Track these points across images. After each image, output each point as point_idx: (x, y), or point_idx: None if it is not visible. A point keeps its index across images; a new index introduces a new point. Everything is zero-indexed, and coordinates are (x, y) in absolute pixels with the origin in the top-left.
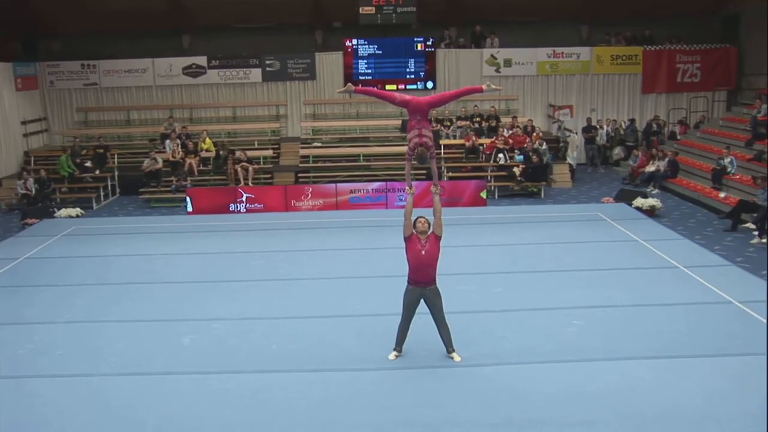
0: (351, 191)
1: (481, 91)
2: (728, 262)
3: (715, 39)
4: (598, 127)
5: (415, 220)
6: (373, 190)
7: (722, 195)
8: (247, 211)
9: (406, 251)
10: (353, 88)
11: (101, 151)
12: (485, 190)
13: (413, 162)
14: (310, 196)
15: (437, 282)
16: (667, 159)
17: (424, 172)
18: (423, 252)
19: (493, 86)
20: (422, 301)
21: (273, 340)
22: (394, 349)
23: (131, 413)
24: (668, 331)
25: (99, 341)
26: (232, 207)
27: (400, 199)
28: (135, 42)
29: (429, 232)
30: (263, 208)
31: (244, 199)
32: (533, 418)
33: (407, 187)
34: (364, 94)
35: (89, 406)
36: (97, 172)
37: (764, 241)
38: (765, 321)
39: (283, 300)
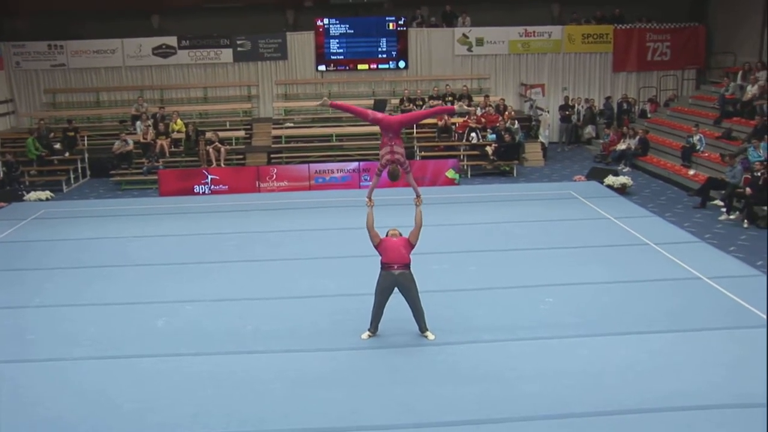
0: (316, 172)
1: (453, 111)
2: (697, 239)
3: (684, 18)
4: (575, 105)
5: (388, 230)
6: (338, 170)
7: (691, 172)
8: (212, 192)
9: (379, 250)
10: (329, 102)
11: (71, 133)
12: (452, 169)
13: (392, 169)
14: (275, 177)
15: (411, 268)
16: (637, 137)
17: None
18: (394, 239)
19: (465, 107)
20: (396, 288)
21: (247, 321)
22: (368, 330)
23: (105, 397)
24: (639, 307)
25: (71, 325)
26: (197, 188)
27: (366, 179)
28: (103, 22)
29: (401, 237)
30: (228, 189)
31: (208, 180)
32: (506, 394)
33: (367, 200)
34: (339, 108)
35: (63, 390)
36: (67, 154)
37: (732, 217)
38: (753, 307)
39: (256, 281)
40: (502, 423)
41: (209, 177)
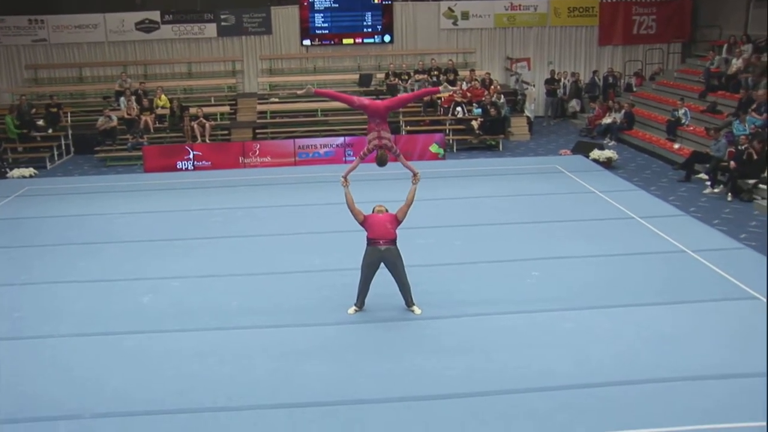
0: (299, 147)
1: (438, 92)
2: (682, 212)
3: None
4: (561, 79)
5: (374, 206)
6: (321, 146)
7: (676, 146)
8: (195, 168)
9: (365, 226)
10: (313, 90)
11: (54, 109)
12: (435, 144)
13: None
14: (258, 153)
15: (397, 244)
16: (623, 111)
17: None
18: (380, 214)
19: (450, 87)
20: (382, 263)
21: (233, 297)
22: (354, 304)
23: (91, 373)
24: (624, 280)
25: (57, 302)
26: (179, 165)
27: (349, 155)
28: None
29: (388, 213)
30: (211, 165)
31: (191, 156)
32: (493, 367)
33: (342, 179)
34: (324, 96)
35: (48, 367)
36: (50, 131)
37: (716, 190)
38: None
39: (242, 257)
40: (488, 396)
41: (192, 153)
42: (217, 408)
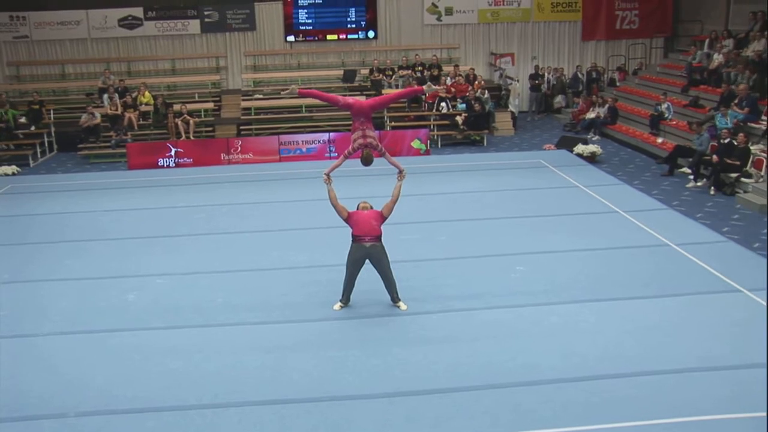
0: (281, 144)
1: (422, 91)
2: (665, 206)
3: None
4: (545, 74)
5: (359, 203)
6: (303, 142)
7: (659, 140)
8: (177, 165)
9: (349, 223)
10: (297, 90)
11: (36, 106)
12: (417, 140)
13: (360, 153)
14: (240, 149)
15: (382, 240)
16: (606, 105)
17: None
18: (365, 211)
19: (433, 87)
20: (368, 260)
21: (218, 293)
22: (340, 300)
23: (76, 371)
24: (608, 274)
25: (42, 300)
26: (161, 162)
27: (332, 151)
28: None
29: (373, 209)
30: (192, 162)
31: (173, 153)
32: (479, 362)
33: (324, 176)
34: (308, 96)
35: (33, 366)
36: (33, 128)
37: (699, 184)
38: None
39: (227, 253)
40: (474, 390)
41: (173, 150)
42: (202, 405)
